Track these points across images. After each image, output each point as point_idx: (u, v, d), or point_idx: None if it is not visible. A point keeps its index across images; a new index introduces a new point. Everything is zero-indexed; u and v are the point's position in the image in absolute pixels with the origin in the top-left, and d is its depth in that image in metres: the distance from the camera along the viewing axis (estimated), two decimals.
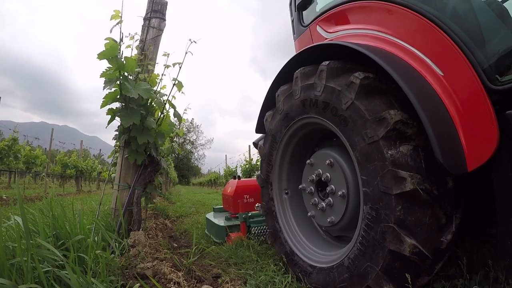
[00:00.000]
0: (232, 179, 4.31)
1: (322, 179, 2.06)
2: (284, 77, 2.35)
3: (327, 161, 2.00)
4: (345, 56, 1.88)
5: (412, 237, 1.40)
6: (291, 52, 2.46)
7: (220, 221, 3.74)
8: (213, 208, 4.64)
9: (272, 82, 2.44)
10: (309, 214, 2.21)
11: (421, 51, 1.66)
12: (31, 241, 1.52)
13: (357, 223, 1.83)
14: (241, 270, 2.41)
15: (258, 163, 14.64)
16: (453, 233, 1.48)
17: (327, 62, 1.86)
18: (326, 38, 2.39)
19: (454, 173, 1.37)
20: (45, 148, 14.83)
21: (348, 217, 1.90)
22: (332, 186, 1.98)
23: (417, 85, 1.52)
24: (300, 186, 2.30)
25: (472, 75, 1.44)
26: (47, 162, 12.75)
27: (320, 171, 2.08)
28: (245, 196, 3.84)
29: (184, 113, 3.66)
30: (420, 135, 1.49)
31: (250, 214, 3.48)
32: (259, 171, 2.62)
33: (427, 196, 1.41)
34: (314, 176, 2.13)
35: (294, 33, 2.97)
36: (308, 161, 2.22)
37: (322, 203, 2.06)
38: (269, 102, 2.52)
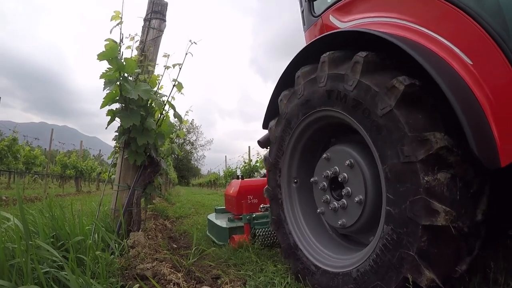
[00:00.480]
0: (235, 179, 4.17)
1: (339, 179, 1.90)
2: (304, 55, 2.12)
3: (346, 162, 1.83)
4: (364, 47, 1.71)
5: (431, 270, 1.33)
6: (291, 53, 2.40)
7: (222, 222, 3.60)
8: (215, 209, 4.50)
9: (289, 63, 2.21)
10: (318, 210, 2.07)
11: (447, 38, 1.52)
12: (30, 242, 1.52)
13: (369, 229, 1.77)
14: (240, 271, 2.41)
15: (258, 164, 14.64)
16: (468, 264, 1.43)
17: (364, 53, 1.63)
18: (340, 28, 2.25)
19: (490, 167, 1.28)
20: (45, 149, 14.83)
21: (361, 223, 1.80)
22: (349, 188, 1.82)
23: (453, 81, 1.39)
24: (311, 180, 2.14)
25: (504, 64, 1.32)
26: (46, 162, 12.74)
27: (337, 169, 1.91)
28: (248, 196, 3.69)
29: (185, 115, 3.66)
30: (461, 164, 1.36)
31: (254, 215, 3.29)
32: (267, 153, 2.42)
33: (457, 233, 1.33)
34: (329, 173, 1.98)
35: (304, 24, 2.84)
36: (324, 155, 2.04)
37: (335, 203, 1.93)
38: (285, 83, 2.29)
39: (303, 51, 2.13)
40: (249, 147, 16.07)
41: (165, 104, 3.01)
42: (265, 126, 2.58)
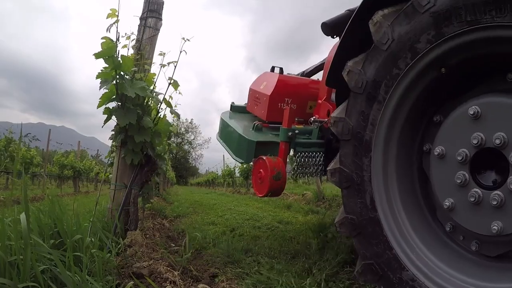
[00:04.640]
0: (269, 72, 2.89)
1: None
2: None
3: None
4: None
5: None
6: (291, 52, 2.12)
7: (245, 130, 2.50)
8: (231, 105, 3.15)
9: (357, 10, 1.48)
10: (446, 203, 1.29)
11: None
12: (30, 241, 1.52)
13: None
14: (237, 269, 2.42)
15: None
16: None
17: None
18: None
19: None
20: (43, 149, 14.81)
21: None
22: None
23: None
24: (425, 147, 1.42)
25: None
26: (41, 161, 12.71)
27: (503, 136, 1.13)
28: (286, 99, 2.56)
29: (174, 107, 3.60)
30: None
31: (297, 130, 2.17)
32: (335, 163, 1.57)
33: None
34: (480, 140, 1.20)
35: None
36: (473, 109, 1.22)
37: (479, 191, 1.20)
38: (350, 47, 1.56)
39: None
40: None
41: (161, 103, 3.02)
42: (333, 76, 1.67)
